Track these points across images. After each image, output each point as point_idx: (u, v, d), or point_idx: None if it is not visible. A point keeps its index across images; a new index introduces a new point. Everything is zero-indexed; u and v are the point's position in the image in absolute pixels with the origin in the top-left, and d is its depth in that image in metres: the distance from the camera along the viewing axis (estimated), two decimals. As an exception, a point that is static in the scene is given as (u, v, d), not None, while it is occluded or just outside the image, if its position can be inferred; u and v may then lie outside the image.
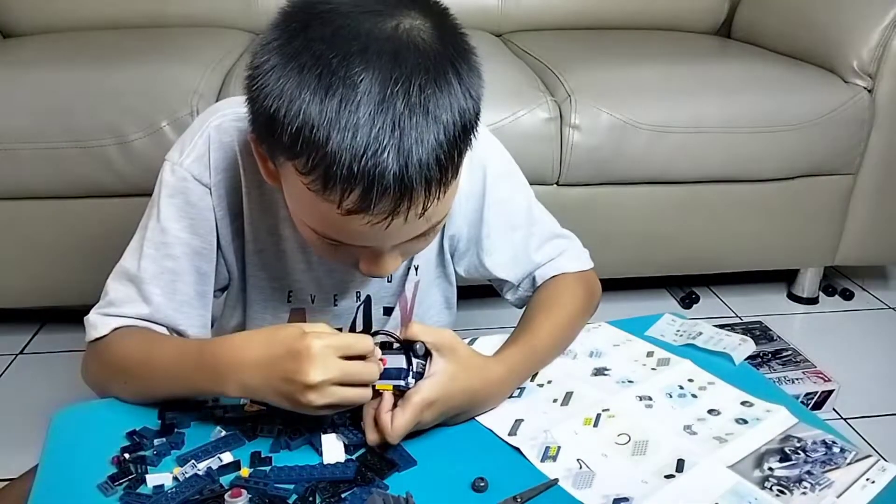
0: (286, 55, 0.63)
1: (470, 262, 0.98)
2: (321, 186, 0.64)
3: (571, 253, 0.99)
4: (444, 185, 0.66)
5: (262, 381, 0.69)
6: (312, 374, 0.66)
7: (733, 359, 0.89)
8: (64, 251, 1.58)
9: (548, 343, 0.87)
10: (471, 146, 0.70)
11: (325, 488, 0.67)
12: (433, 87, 0.63)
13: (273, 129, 0.64)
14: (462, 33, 0.70)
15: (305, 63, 0.62)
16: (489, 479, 0.69)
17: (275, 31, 0.66)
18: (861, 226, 1.85)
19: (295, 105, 0.62)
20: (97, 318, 0.83)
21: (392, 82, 0.61)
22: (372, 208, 0.63)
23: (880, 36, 1.70)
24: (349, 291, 0.94)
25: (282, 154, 0.67)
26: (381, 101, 0.61)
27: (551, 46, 1.94)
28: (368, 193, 0.62)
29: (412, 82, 0.62)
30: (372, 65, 0.61)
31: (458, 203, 0.91)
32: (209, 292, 0.88)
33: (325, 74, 0.61)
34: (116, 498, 0.67)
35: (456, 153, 0.66)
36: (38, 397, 1.48)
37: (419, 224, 0.68)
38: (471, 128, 0.68)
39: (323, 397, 0.67)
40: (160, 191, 0.83)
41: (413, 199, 0.64)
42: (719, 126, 1.65)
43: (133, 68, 1.58)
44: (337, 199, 0.64)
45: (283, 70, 0.63)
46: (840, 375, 1.59)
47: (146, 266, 0.82)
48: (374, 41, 0.62)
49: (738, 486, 0.68)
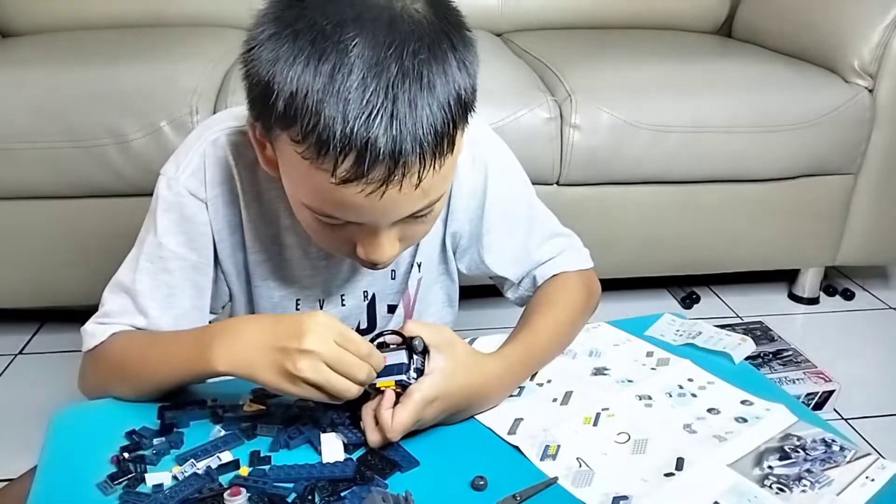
0: (281, 23, 0.64)
1: (471, 260, 0.98)
2: (315, 153, 0.64)
3: (572, 252, 0.98)
4: (439, 155, 0.66)
5: (254, 349, 0.70)
6: (308, 340, 0.67)
7: (733, 358, 0.89)
8: (63, 251, 1.58)
9: (547, 341, 0.87)
10: (468, 123, 0.70)
11: (325, 487, 0.67)
12: (427, 54, 0.63)
13: (268, 96, 0.64)
14: (460, 14, 0.69)
15: (300, 30, 0.62)
16: (489, 478, 0.69)
17: (271, 1, 0.67)
18: (862, 226, 1.85)
19: (289, 71, 0.62)
20: (94, 328, 0.83)
21: (385, 47, 0.61)
22: (366, 175, 0.63)
23: (881, 35, 1.70)
24: (356, 291, 0.94)
25: (276, 125, 0.67)
26: (373, 65, 0.61)
27: (551, 46, 1.94)
28: (362, 159, 0.62)
29: (406, 48, 0.62)
30: (366, 30, 0.61)
31: (460, 200, 0.91)
32: (206, 306, 0.88)
33: (319, 40, 0.61)
34: (116, 497, 0.67)
35: (451, 124, 0.65)
36: (37, 397, 1.47)
37: (415, 198, 0.68)
38: (467, 102, 0.67)
39: (311, 370, 0.67)
40: (156, 205, 0.83)
41: (407, 167, 0.64)
42: (719, 126, 1.65)
43: (133, 68, 1.58)
44: (331, 167, 0.63)
45: (278, 38, 0.63)
46: (841, 376, 1.58)
47: (142, 279, 0.83)
48: (369, 9, 0.63)
49: (737, 484, 0.68)
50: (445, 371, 0.73)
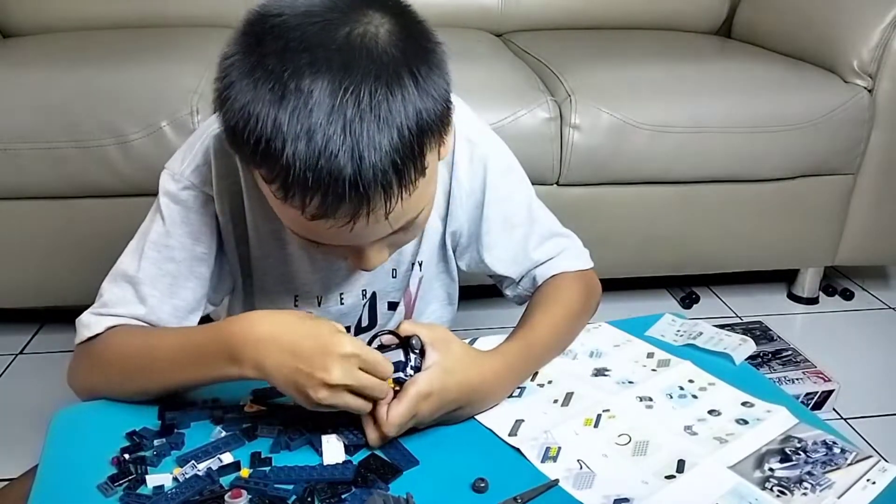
0: (242, 71, 0.65)
1: (471, 258, 0.98)
2: (283, 195, 0.65)
3: (571, 252, 0.99)
4: (404, 188, 0.66)
5: (279, 365, 0.69)
6: (335, 374, 0.67)
7: (733, 359, 0.89)
8: (64, 251, 1.57)
9: (546, 340, 0.87)
10: (440, 143, 0.71)
11: (324, 489, 0.67)
12: (385, 92, 0.63)
13: (237, 141, 0.66)
14: (424, 31, 0.69)
15: (259, 78, 0.63)
16: (489, 480, 0.69)
17: (233, 46, 0.67)
18: (861, 226, 1.85)
19: (252, 118, 0.63)
20: (90, 318, 0.83)
21: (342, 91, 0.62)
22: (333, 214, 0.65)
23: (880, 36, 1.70)
24: (355, 289, 0.95)
25: (249, 164, 0.69)
26: (331, 109, 0.62)
27: (551, 46, 1.93)
28: (327, 199, 0.63)
29: (362, 88, 0.62)
30: (322, 75, 0.62)
31: (459, 199, 0.92)
32: (204, 298, 0.88)
33: (278, 88, 0.62)
34: (116, 498, 0.67)
35: (414, 157, 0.66)
36: (37, 397, 1.47)
37: (388, 225, 0.69)
38: (434, 128, 0.68)
39: (333, 398, 0.68)
40: (161, 198, 0.85)
41: (372, 205, 0.65)
42: (719, 126, 1.65)
43: (133, 68, 1.58)
44: (299, 206, 0.65)
45: (240, 86, 0.64)
46: (840, 375, 1.58)
47: (146, 267, 0.83)
48: (324, 51, 0.63)
49: (738, 486, 0.68)
50: (441, 366, 0.73)
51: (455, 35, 2.02)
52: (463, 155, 0.91)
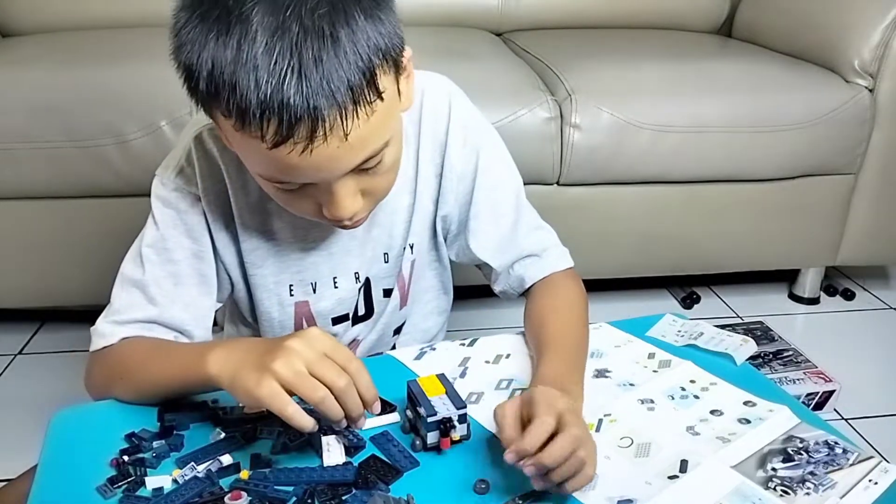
0: (189, 7, 0.66)
1: (459, 247, 0.99)
2: (241, 124, 0.65)
3: (556, 251, 0.99)
4: (362, 104, 0.66)
5: (245, 352, 0.71)
6: (292, 341, 0.68)
7: (735, 359, 0.88)
8: (63, 251, 1.57)
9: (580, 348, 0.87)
10: (399, 69, 0.71)
11: (324, 491, 0.66)
12: (328, 8, 0.63)
13: (192, 79, 0.67)
14: None
15: (205, 11, 0.64)
16: (490, 481, 0.69)
17: None
18: (862, 226, 1.85)
19: (202, 51, 0.65)
20: (105, 327, 0.84)
21: (284, 9, 0.62)
22: (292, 136, 0.65)
23: (881, 35, 1.70)
24: (348, 272, 0.95)
25: (208, 105, 0.69)
26: (275, 29, 0.62)
27: (551, 46, 1.93)
28: (282, 121, 0.64)
29: (304, 6, 0.63)
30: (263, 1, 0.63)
31: (450, 183, 0.94)
32: (212, 294, 0.90)
33: (223, 16, 0.63)
34: (115, 500, 0.66)
35: (367, 73, 0.66)
36: (37, 397, 1.47)
37: (352, 150, 0.68)
38: (382, 49, 0.67)
39: (285, 366, 0.66)
40: (153, 203, 0.87)
41: (329, 122, 0.65)
42: (719, 126, 1.65)
43: (133, 68, 1.57)
44: (259, 134, 0.65)
45: (190, 23, 0.66)
46: (841, 376, 1.58)
47: (150, 269, 0.85)
48: None
49: (742, 486, 0.68)
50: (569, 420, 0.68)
51: (455, 35, 2.02)
52: (457, 138, 0.92)
